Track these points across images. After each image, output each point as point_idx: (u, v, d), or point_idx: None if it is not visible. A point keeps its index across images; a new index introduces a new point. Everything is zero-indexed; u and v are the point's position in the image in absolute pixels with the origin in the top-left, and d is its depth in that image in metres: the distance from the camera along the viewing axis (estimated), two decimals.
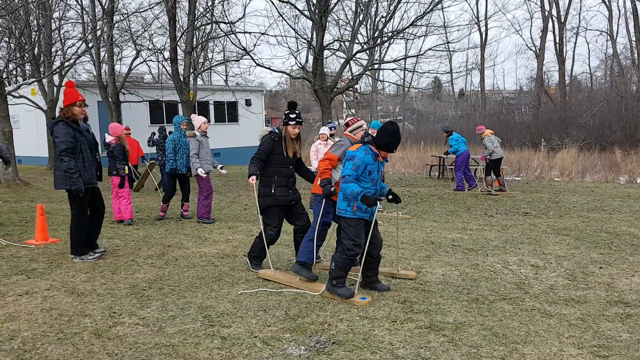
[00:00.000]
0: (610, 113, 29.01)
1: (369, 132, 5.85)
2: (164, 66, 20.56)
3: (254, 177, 5.42)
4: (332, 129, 14.84)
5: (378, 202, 4.85)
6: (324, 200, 5.32)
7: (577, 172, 18.89)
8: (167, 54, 19.08)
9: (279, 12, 16.95)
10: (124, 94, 20.37)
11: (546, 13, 36.28)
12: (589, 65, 63.01)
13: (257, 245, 5.80)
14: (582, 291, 5.20)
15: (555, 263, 6.30)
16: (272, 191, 5.53)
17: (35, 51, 20.16)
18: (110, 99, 19.73)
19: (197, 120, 9.04)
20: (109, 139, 8.75)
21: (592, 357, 3.68)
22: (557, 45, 36.16)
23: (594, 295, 5.08)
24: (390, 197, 4.93)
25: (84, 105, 6.22)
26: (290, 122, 5.60)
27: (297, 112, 5.70)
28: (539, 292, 5.17)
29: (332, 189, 5.19)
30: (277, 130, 5.69)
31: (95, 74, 20.59)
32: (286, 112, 5.69)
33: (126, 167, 8.65)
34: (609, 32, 36.69)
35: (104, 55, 19.75)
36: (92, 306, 4.72)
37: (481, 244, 7.36)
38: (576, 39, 47.62)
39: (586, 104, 31.95)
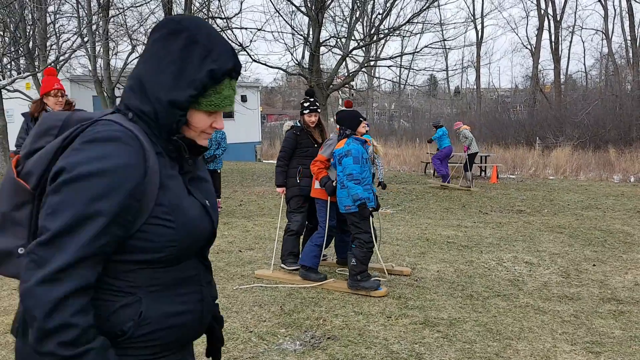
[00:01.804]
0: (605, 112, 29.12)
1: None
2: None
3: (280, 190, 5.55)
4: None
5: (371, 215, 5.06)
6: (327, 204, 5.29)
7: (572, 171, 18.98)
8: None
9: (275, 8, 16.94)
10: (119, 88, 20.27)
11: (542, 11, 36.36)
12: (584, 64, 63.19)
13: (287, 242, 5.57)
14: (575, 288, 5.23)
15: (549, 260, 6.33)
16: (298, 181, 5.47)
17: (30, 45, 20.05)
18: (105, 94, 19.66)
19: None
20: None
21: (585, 353, 3.71)
22: (553, 43, 36.24)
23: (587, 292, 5.11)
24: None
25: (61, 95, 5.09)
26: (304, 112, 5.52)
27: (312, 99, 5.55)
28: (533, 289, 5.20)
29: (333, 183, 5.18)
30: (298, 124, 5.65)
31: (90, 68, 20.51)
32: (301, 101, 5.65)
33: None
34: (604, 31, 36.81)
35: (100, 50, 19.67)
36: None
37: (476, 241, 7.39)
38: (572, 38, 47.88)
39: (581, 103, 32.05)
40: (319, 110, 5.61)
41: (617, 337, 3.99)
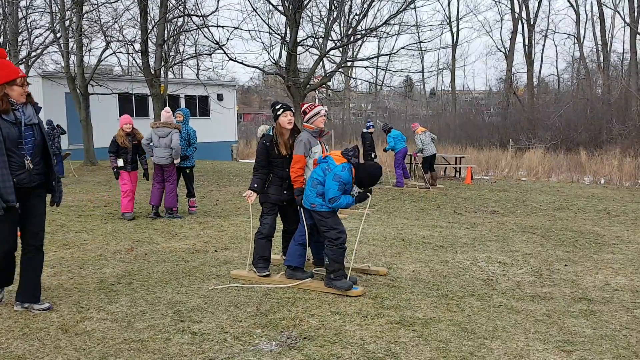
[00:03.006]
0: (576, 115, 29.71)
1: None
2: (134, 58, 20.21)
3: (249, 193, 5.41)
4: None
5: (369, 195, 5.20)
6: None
7: (544, 172, 19.31)
8: (137, 46, 18.77)
9: (252, 7, 16.88)
10: (92, 85, 19.97)
11: (516, 15, 36.87)
12: (557, 68, 64.34)
13: (257, 245, 5.51)
14: (547, 288, 5.32)
15: (522, 260, 6.42)
16: (266, 189, 5.45)
17: (1, 40, 19.59)
18: (78, 91, 19.33)
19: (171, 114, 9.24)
20: None
21: (557, 352, 3.77)
22: (526, 47, 36.80)
23: (559, 292, 5.20)
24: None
25: (27, 84, 4.22)
26: (278, 113, 5.44)
27: (281, 103, 5.57)
28: (506, 288, 5.27)
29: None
30: (270, 132, 5.60)
31: (63, 64, 20.14)
32: (272, 110, 5.57)
33: (121, 159, 8.73)
34: (576, 36, 37.50)
35: (73, 46, 19.33)
36: (58, 301, 4.63)
37: (450, 241, 7.46)
38: (545, 42, 48.46)
39: (553, 106, 32.65)
40: (292, 108, 5.57)
41: (589, 336, 4.06)
